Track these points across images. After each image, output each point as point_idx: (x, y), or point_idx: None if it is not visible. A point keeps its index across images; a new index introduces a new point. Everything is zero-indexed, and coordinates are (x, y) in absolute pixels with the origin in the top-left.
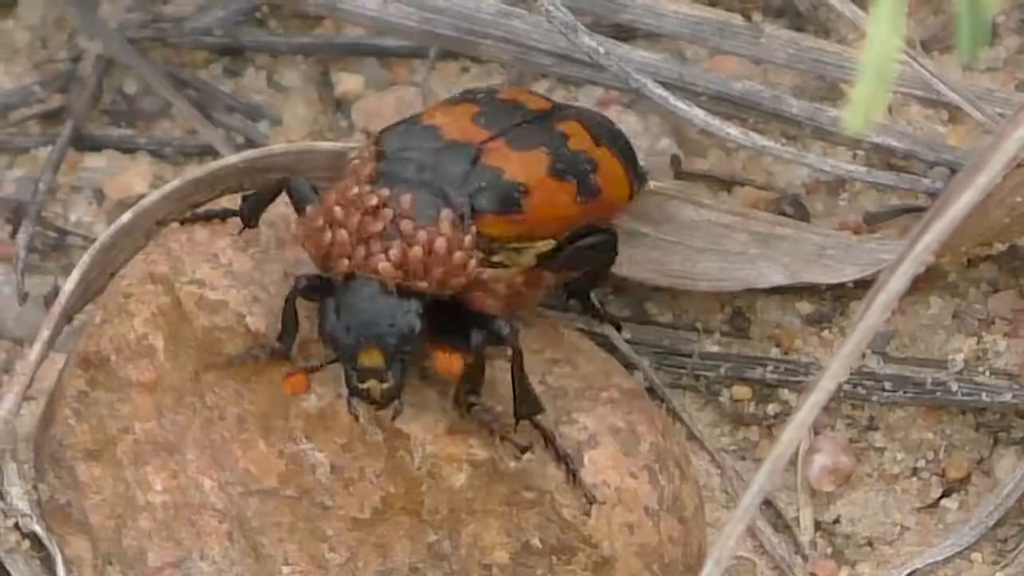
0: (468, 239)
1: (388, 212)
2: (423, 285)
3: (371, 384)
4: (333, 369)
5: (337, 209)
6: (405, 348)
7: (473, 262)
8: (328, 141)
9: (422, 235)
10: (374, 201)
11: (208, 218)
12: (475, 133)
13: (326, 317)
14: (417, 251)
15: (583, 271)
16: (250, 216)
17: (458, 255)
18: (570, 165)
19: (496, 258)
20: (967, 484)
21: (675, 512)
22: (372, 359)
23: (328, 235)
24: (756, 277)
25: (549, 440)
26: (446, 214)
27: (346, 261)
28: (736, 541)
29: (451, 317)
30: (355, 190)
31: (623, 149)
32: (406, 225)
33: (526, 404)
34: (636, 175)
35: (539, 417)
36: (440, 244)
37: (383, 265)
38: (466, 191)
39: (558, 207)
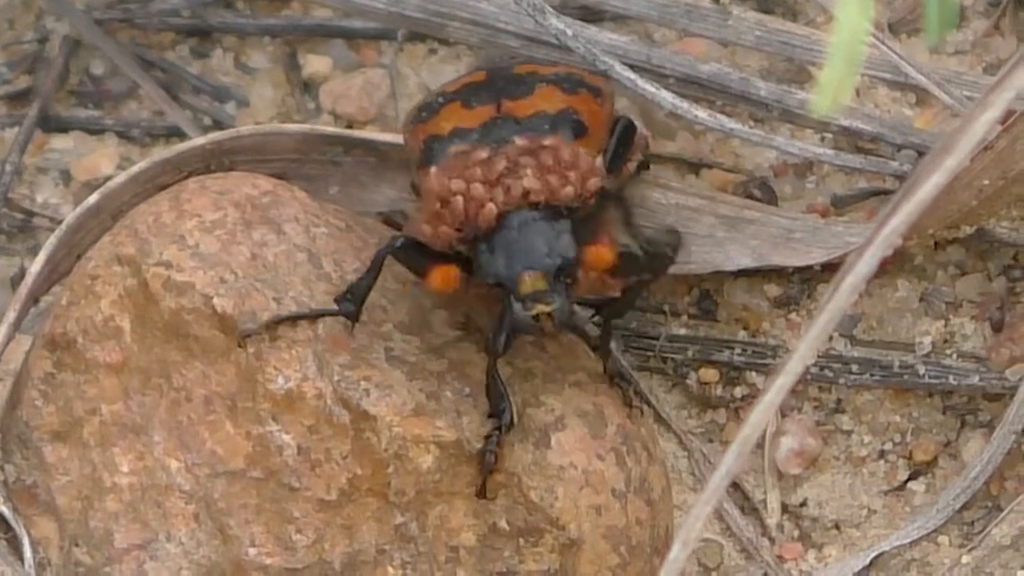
0: (583, 150)
1: (502, 157)
2: (568, 191)
3: (539, 309)
4: (297, 351)
5: (456, 181)
6: (566, 266)
7: (600, 162)
8: (295, 123)
9: (546, 150)
10: (484, 154)
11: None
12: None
13: (482, 260)
14: (548, 160)
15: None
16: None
17: (584, 158)
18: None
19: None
20: (934, 467)
21: (642, 494)
22: (536, 283)
23: (461, 201)
24: (724, 260)
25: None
26: (551, 140)
27: (491, 206)
28: (703, 523)
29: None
30: (459, 161)
31: None
32: (526, 154)
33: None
34: None
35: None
36: (565, 152)
37: (527, 182)
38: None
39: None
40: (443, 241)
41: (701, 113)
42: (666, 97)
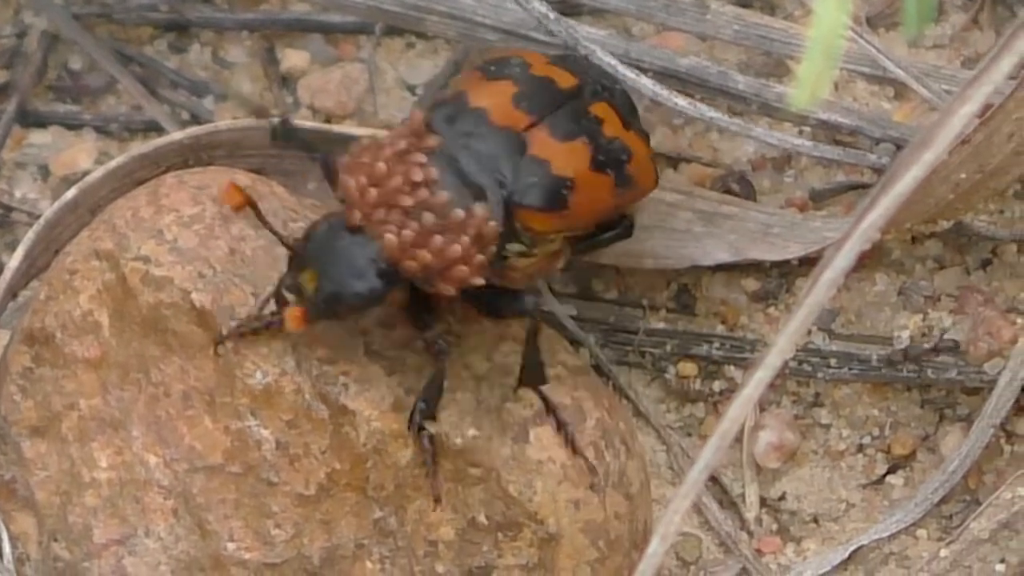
0: (481, 257)
1: (424, 193)
2: (413, 269)
3: (292, 298)
4: (275, 345)
5: (381, 165)
6: (357, 299)
7: (477, 272)
8: (274, 117)
9: (438, 240)
10: (419, 177)
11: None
12: (516, 119)
13: (312, 231)
14: (425, 253)
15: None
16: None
17: (461, 269)
18: (607, 156)
19: (529, 250)
20: (912, 461)
21: (621, 488)
22: (310, 281)
23: (359, 185)
24: (702, 254)
25: (552, 411)
26: (474, 221)
27: (358, 215)
28: (682, 517)
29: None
30: (408, 157)
31: (633, 117)
32: (429, 219)
33: (532, 375)
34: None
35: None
36: (453, 251)
37: (388, 238)
38: (513, 187)
39: (598, 202)
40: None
41: (681, 101)
42: (647, 84)
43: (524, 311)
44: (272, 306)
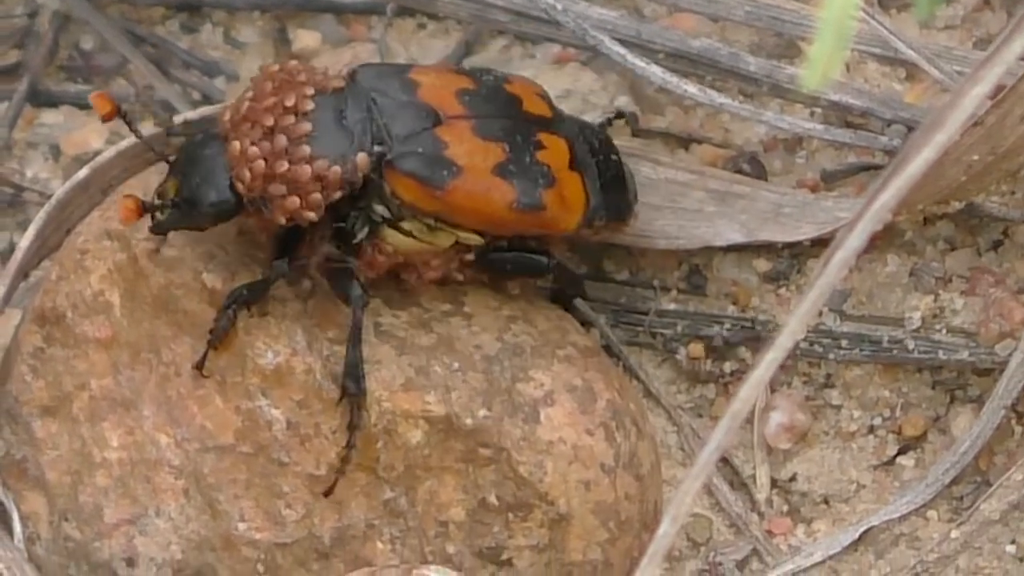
0: (317, 196)
1: (289, 119)
2: (246, 181)
3: (159, 205)
4: (286, 326)
5: (268, 85)
6: (207, 208)
7: (310, 208)
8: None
9: (279, 164)
10: (291, 103)
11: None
12: (449, 105)
13: (187, 142)
14: (261, 168)
15: (514, 277)
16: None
17: (293, 200)
18: (522, 171)
19: (405, 225)
20: (923, 442)
21: (631, 469)
22: (168, 188)
23: (242, 96)
24: (713, 235)
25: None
26: (322, 162)
27: (227, 124)
28: (692, 498)
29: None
30: (300, 87)
31: (609, 183)
32: (281, 142)
33: (351, 377)
34: (606, 212)
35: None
36: (291, 176)
37: (233, 145)
38: (396, 150)
39: (486, 204)
40: None
41: (691, 88)
42: (656, 72)
43: (348, 298)
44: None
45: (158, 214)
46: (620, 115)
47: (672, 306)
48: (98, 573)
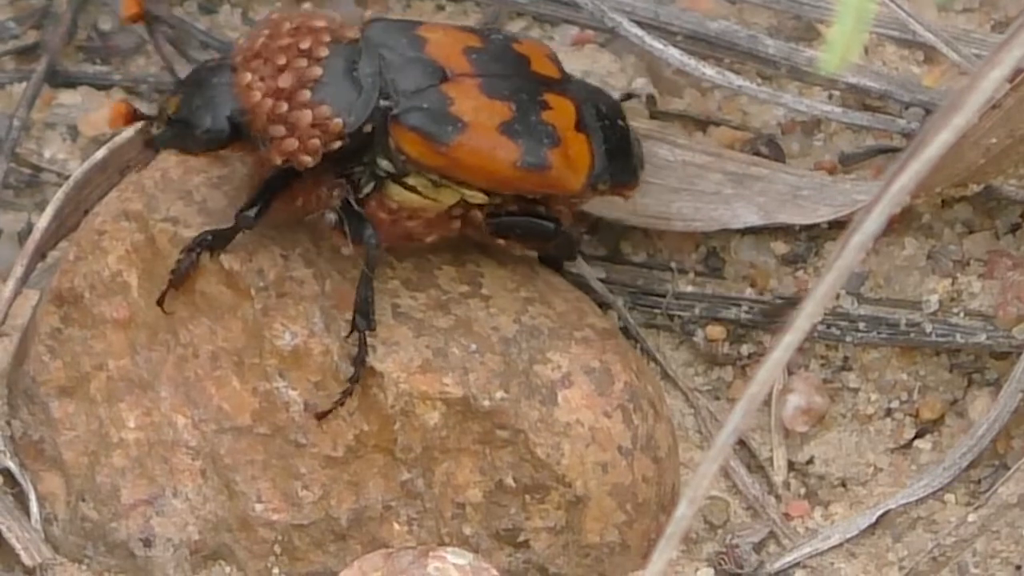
0: (316, 142)
1: (301, 62)
2: (252, 108)
3: (158, 122)
4: (304, 307)
5: (288, 26)
6: (201, 133)
7: (307, 152)
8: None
9: (283, 105)
10: (306, 46)
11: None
12: (457, 63)
13: (199, 64)
14: (267, 106)
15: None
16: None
17: (291, 141)
18: (528, 130)
19: (410, 181)
20: (940, 425)
21: (649, 451)
22: (170, 105)
23: (258, 31)
24: (731, 217)
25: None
26: (324, 108)
27: (240, 57)
28: (709, 481)
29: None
30: (318, 34)
31: (615, 147)
32: (288, 81)
33: (362, 313)
34: (611, 176)
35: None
36: (292, 119)
37: (242, 75)
38: (402, 105)
39: (491, 161)
40: None
41: (709, 70)
42: (674, 54)
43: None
44: None
45: (154, 128)
46: (629, 96)
47: (690, 288)
48: (115, 553)
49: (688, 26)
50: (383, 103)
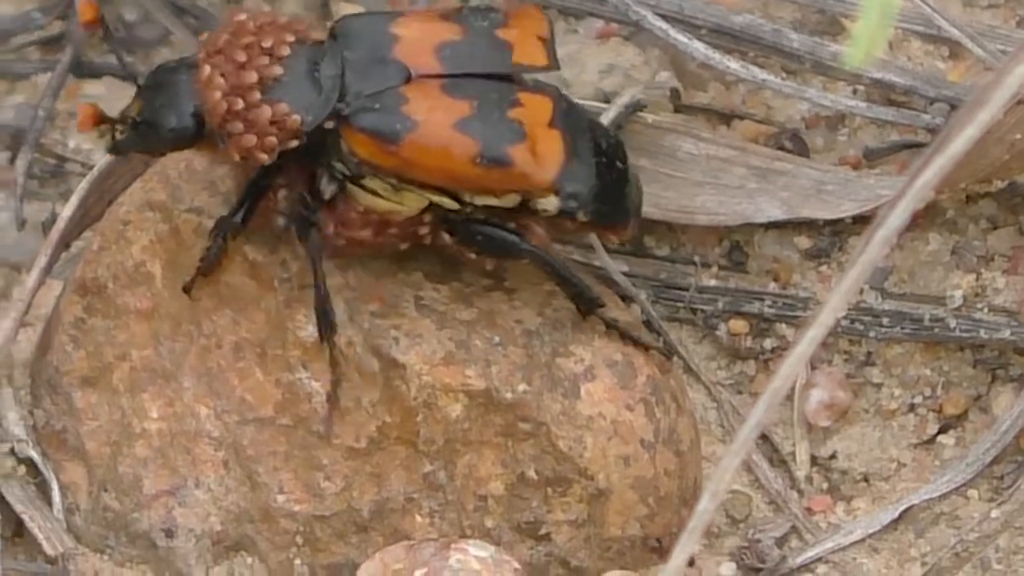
0: (273, 140)
1: (263, 60)
2: (209, 104)
3: (119, 126)
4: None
5: (251, 25)
6: (167, 132)
7: (263, 150)
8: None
9: (239, 102)
10: (269, 44)
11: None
12: (424, 62)
13: (160, 65)
14: (222, 102)
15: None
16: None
17: (248, 138)
18: (489, 127)
19: (367, 183)
20: (964, 421)
21: (671, 445)
22: (132, 109)
23: (220, 30)
24: (754, 211)
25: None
26: (281, 107)
27: (203, 54)
28: (732, 475)
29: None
30: (281, 33)
31: (609, 184)
32: (249, 79)
33: (325, 320)
34: (595, 210)
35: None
36: (251, 116)
37: (204, 69)
38: (356, 106)
39: (447, 159)
40: None
41: (733, 64)
42: (698, 48)
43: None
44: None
45: (118, 133)
46: (641, 107)
47: (713, 282)
48: (137, 544)
49: (713, 20)
50: (338, 105)
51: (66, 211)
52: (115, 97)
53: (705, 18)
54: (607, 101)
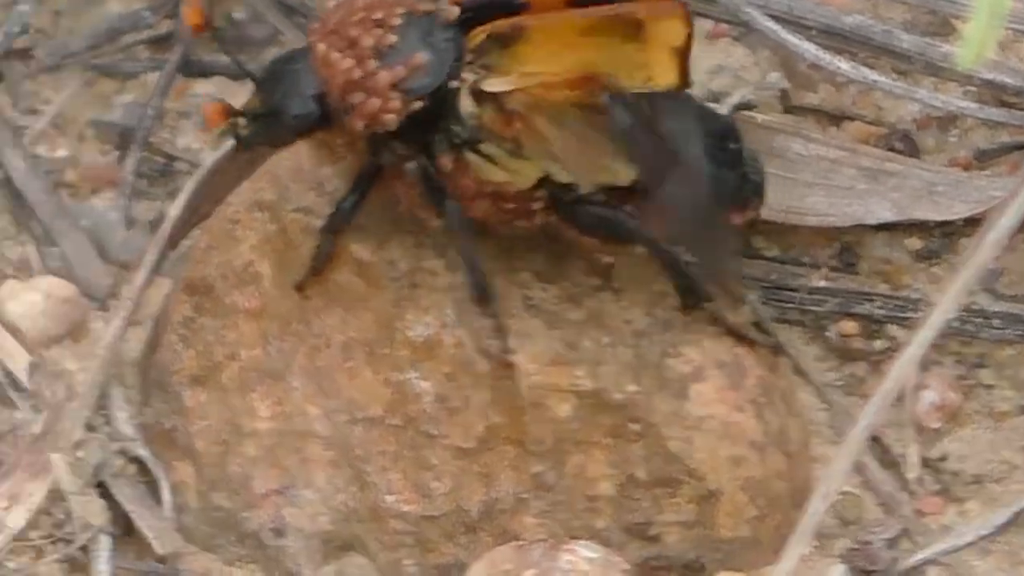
0: (396, 100)
1: (376, 31)
2: (329, 76)
3: (238, 120)
4: (436, 298)
5: (361, 2)
6: (291, 119)
7: (390, 110)
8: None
9: (358, 69)
10: (380, 16)
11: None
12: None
13: (274, 58)
14: (344, 66)
15: (596, 236)
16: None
17: (373, 101)
18: None
19: (484, 148)
20: None
21: (781, 446)
22: (252, 103)
23: (330, 10)
24: (865, 213)
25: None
26: (401, 68)
27: (316, 36)
28: (843, 476)
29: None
30: (392, 6)
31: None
32: (366, 44)
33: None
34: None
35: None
36: (372, 81)
37: (319, 47)
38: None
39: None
40: None
41: (843, 65)
42: (809, 48)
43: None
44: None
45: (241, 129)
46: (749, 106)
47: (823, 283)
48: (246, 543)
49: (823, 20)
50: (454, 64)
51: (174, 210)
52: (224, 96)
53: (815, 18)
54: (716, 101)
